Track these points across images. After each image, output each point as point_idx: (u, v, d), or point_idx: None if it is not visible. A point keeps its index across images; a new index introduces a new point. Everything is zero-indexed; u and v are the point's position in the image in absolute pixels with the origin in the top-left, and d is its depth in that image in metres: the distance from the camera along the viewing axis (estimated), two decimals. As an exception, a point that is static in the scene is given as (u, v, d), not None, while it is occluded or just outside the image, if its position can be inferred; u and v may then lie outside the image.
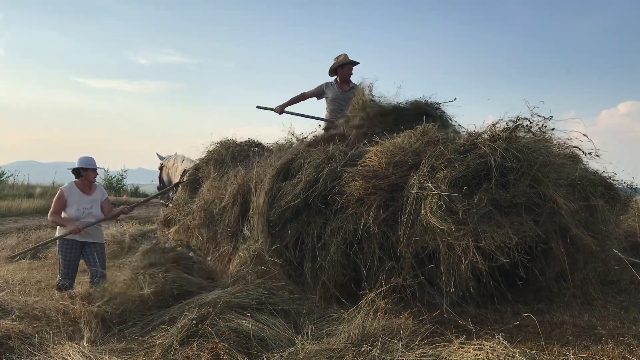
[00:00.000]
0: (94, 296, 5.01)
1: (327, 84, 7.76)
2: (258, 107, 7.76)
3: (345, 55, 7.61)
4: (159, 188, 9.41)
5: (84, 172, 5.98)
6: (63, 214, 5.93)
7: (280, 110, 7.58)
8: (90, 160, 6.00)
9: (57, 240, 5.95)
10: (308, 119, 7.66)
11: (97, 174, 6.23)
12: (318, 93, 7.79)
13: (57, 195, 6.00)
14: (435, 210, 4.70)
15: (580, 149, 6.01)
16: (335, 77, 7.77)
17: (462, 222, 4.62)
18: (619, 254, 4.82)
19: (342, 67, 7.64)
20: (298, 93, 7.86)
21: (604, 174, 5.99)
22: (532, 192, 4.91)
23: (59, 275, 6.00)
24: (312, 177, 5.60)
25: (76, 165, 5.99)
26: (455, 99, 6.91)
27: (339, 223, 5.34)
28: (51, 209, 5.97)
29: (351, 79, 7.80)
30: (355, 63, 7.70)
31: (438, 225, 4.66)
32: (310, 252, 5.44)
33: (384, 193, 5.23)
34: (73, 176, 6.13)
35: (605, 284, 5.96)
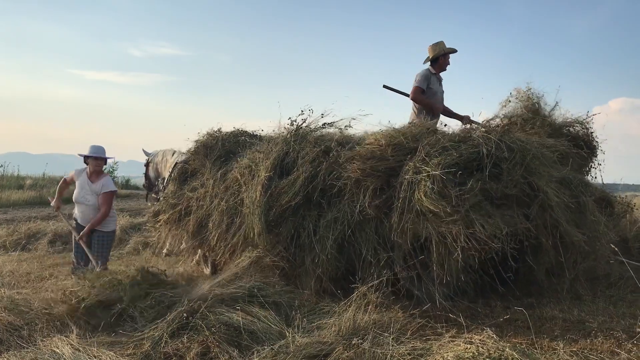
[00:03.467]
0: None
1: (429, 72, 7.00)
2: (385, 86, 7.02)
3: (444, 43, 7.00)
4: (144, 185, 9.33)
5: (86, 160, 6.17)
6: None
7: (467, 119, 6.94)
8: (96, 149, 6.16)
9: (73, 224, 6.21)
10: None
11: (99, 163, 6.21)
12: (429, 88, 6.97)
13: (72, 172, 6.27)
14: (429, 194, 4.74)
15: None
16: (431, 65, 7.07)
17: (455, 207, 4.67)
18: (616, 249, 4.85)
19: (445, 56, 6.98)
20: (415, 93, 6.85)
21: (607, 191, 6.13)
22: (525, 182, 4.97)
23: (72, 258, 6.11)
24: (309, 173, 5.58)
25: (84, 153, 6.18)
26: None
27: (335, 213, 5.35)
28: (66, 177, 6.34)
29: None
30: (454, 51, 7.05)
31: (431, 207, 4.70)
32: (307, 246, 5.44)
33: (381, 175, 5.27)
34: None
35: (594, 278, 6.01)
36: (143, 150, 9.20)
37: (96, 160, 6.07)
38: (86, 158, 6.11)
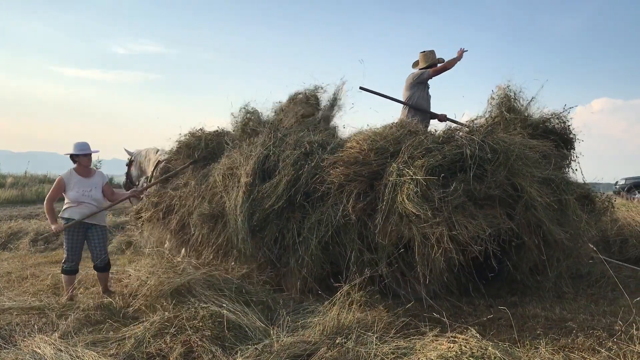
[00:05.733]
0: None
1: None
2: (362, 87, 7.24)
3: (435, 53, 7.36)
4: (124, 184, 9.22)
5: (77, 158, 5.95)
6: (66, 199, 5.89)
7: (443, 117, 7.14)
8: (83, 145, 5.98)
9: (62, 223, 5.85)
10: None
11: (91, 158, 6.16)
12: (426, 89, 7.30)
13: (55, 182, 5.95)
14: (412, 197, 4.75)
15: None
16: (425, 70, 7.33)
17: (438, 210, 4.68)
18: (594, 248, 4.90)
19: (436, 65, 7.31)
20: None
21: (587, 187, 6.20)
22: (508, 183, 5.00)
23: (64, 257, 5.86)
24: (291, 176, 5.57)
25: (70, 152, 5.95)
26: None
27: (319, 216, 5.34)
28: (48, 195, 5.95)
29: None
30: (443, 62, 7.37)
31: (414, 211, 4.70)
32: (291, 247, 5.43)
33: (364, 180, 5.27)
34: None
35: (576, 277, 6.07)
36: (125, 149, 9.14)
37: (87, 157, 6.01)
38: (75, 157, 5.96)
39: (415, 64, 7.53)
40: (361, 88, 7.21)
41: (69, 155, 5.92)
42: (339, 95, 7.40)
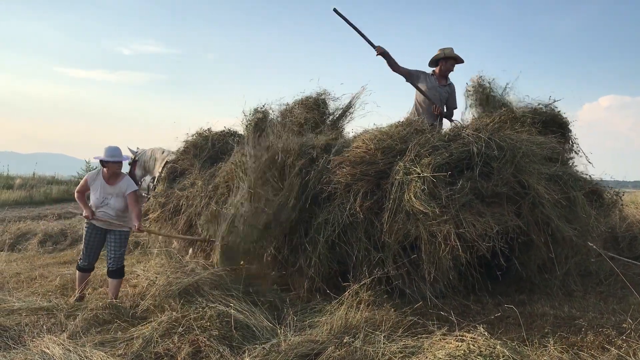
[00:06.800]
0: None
1: (424, 73, 7.16)
2: (335, 10, 6.56)
3: (452, 50, 7.09)
4: None
5: (106, 164, 5.65)
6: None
7: (380, 50, 6.74)
8: (114, 151, 5.70)
9: (84, 222, 5.74)
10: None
11: (121, 165, 5.82)
12: (411, 75, 7.07)
13: (83, 178, 5.86)
14: (419, 194, 4.74)
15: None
16: (434, 68, 7.21)
17: (445, 208, 4.68)
18: (595, 247, 4.87)
19: (446, 61, 7.06)
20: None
21: (594, 181, 6.15)
22: (515, 180, 4.99)
23: (81, 255, 5.80)
24: (298, 185, 5.53)
25: (100, 157, 5.66)
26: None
27: (326, 215, 5.34)
28: (77, 187, 5.86)
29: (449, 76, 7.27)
30: (460, 61, 7.15)
31: (421, 208, 4.70)
32: (299, 247, 5.43)
33: (371, 179, 5.28)
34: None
35: (585, 275, 6.03)
36: (128, 148, 9.15)
37: (116, 164, 5.69)
38: (105, 162, 5.63)
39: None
40: (335, 10, 6.62)
41: (99, 160, 5.71)
42: (353, 102, 7.33)
